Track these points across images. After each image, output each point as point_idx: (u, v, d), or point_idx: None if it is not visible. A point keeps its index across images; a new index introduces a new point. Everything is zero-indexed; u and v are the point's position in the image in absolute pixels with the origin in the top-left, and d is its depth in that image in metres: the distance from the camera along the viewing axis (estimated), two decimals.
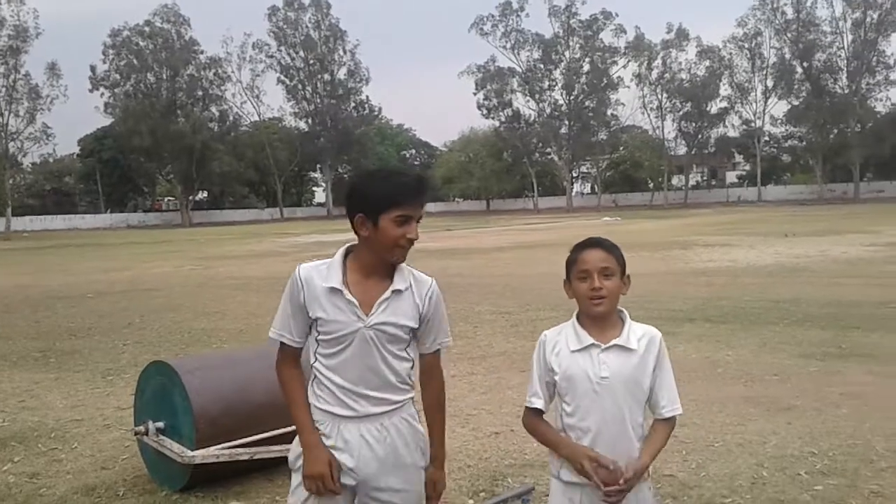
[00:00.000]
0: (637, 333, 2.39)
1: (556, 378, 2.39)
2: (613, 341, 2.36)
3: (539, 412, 2.46)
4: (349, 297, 2.35)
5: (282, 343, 2.48)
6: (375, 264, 2.40)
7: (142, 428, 4.43)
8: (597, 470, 2.29)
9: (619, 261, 2.40)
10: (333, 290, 2.36)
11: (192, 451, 4.13)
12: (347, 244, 2.47)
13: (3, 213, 65.82)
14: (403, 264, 2.45)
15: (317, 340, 2.42)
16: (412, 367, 2.49)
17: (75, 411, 6.37)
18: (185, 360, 5.57)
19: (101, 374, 7.81)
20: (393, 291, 2.39)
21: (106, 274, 20.68)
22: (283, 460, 4.37)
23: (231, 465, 4.32)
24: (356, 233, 2.39)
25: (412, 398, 2.51)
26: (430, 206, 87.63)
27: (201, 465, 4.17)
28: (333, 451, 2.39)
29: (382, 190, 2.33)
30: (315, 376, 2.45)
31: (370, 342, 2.36)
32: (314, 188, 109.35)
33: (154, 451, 4.43)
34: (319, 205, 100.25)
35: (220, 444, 4.21)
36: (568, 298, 2.48)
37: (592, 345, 2.36)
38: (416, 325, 2.44)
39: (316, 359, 2.43)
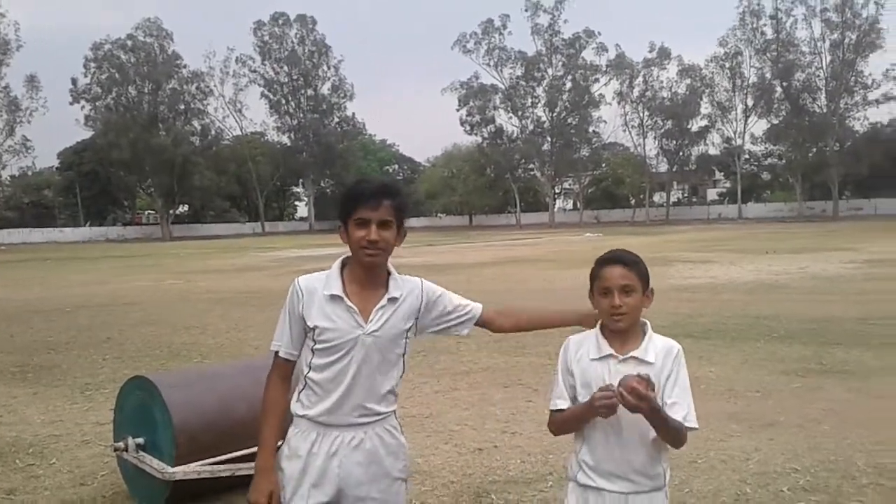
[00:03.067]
0: (657, 346, 2.42)
1: (575, 384, 2.44)
2: (631, 353, 2.39)
3: (562, 412, 2.48)
4: (349, 303, 2.40)
5: (276, 354, 2.50)
6: (367, 273, 2.45)
7: (121, 444, 4.37)
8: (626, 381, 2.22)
9: (640, 276, 2.43)
10: (334, 297, 2.41)
11: (173, 467, 4.08)
12: (343, 256, 2.53)
13: None
14: (395, 273, 2.51)
15: (312, 350, 2.43)
16: (401, 377, 2.53)
17: (53, 426, 6.28)
18: (166, 374, 5.51)
19: (80, 389, 7.71)
20: (389, 299, 2.45)
21: (85, 287, 20.48)
22: None
23: (212, 482, 4.27)
24: (344, 243, 2.48)
25: (395, 410, 2.54)
26: (413, 222, 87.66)
27: (181, 482, 4.12)
28: (314, 459, 2.40)
29: (346, 197, 2.46)
30: (306, 385, 2.46)
31: (369, 350, 2.41)
32: (296, 203, 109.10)
33: (133, 467, 4.37)
34: (301, 219, 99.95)
35: (200, 460, 4.16)
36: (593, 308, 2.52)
37: (610, 355, 2.40)
38: (410, 324, 2.49)
39: (309, 368, 2.44)
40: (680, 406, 2.36)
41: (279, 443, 2.50)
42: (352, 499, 2.43)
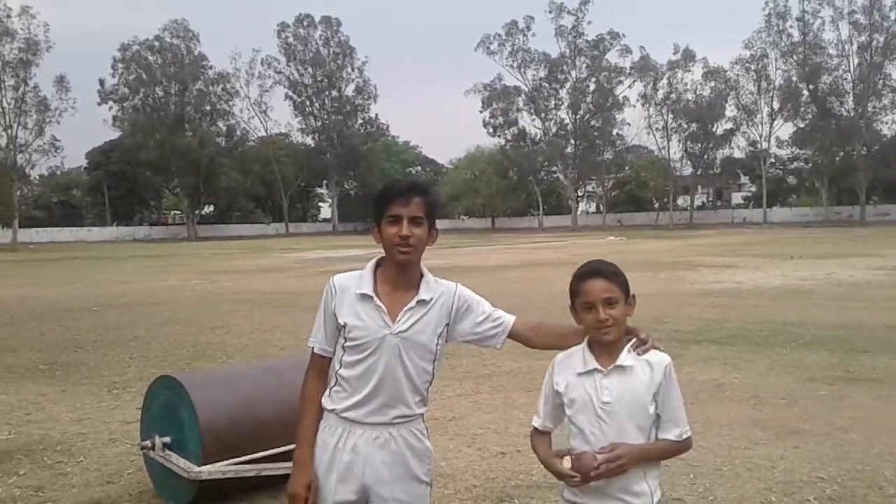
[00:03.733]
0: (634, 354, 2.38)
1: (563, 400, 2.42)
2: (613, 364, 2.36)
3: (540, 432, 2.51)
4: (378, 303, 2.44)
5: (312, 351, 2.56)
6: (399, 273, 2.49)
7: (148, 443, 4.43)
8: (570, 479, 2.31)
9: (622, 287, 2.40)
10: (364, 296, 2.45)
11: (199, 466, 4.12)
12: (377, 257, 2.56)
13: (10, 225, 66.04)
14: (429, 275, 2.55)
15: (343, 347, 2.47)
16: (430, 383, 2.54)
17: (81, 424, 6.36)
18: (193, 374, 5.57)
19: (107, 388, 7.80)
20: (418, 301, 2.47)
21: (112, 287, 20.72)
22: (288, 477, 4.37)
23: (237, 482, 4.31)
24: (378, 243, 2.50)
25: (423, 414, 2.55)
26: (436, 224, 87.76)
27: (207, 481, 4.16)
28: (340, 454, 2.44)
29: (378, 196, 2.50)
30: (336, 381, 2.50)
31: (395, 350, 2.43)
32: (320, 204, 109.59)
33: (160, 466, 4.42)
34: (325, 220, 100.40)
35: (226, 460, 4.20)
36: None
37: (595, 370, 2.37)
38: (441, 331, 2.51)
39: (340, 365, 2.48)
40: (672, 424, 2.36)
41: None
42: (377, 498, 2.45)
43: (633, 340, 2.39)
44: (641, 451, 2.31)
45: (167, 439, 4.37)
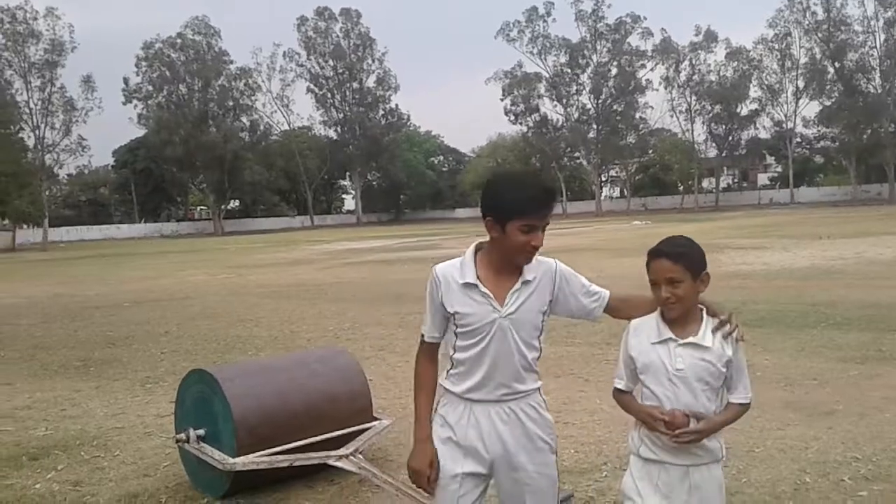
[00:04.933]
0: (710, 329, 2.53)
1: (637, 365, 2.58)
2: (690, 338, 2.51)
3: (623, 391, 2.66)
4: (484, 290, 2.51)
5: (422, 338, 2.66)
6: (504, 261, 2.55)
7: (182, 435, 4.48)
8: (659, 422, 2.47)
9: (688, 266, 2.51)
10: (468, 284, 2.52)
11: (233, 458, 4.18)
12: (477, 242, 2.63)
13: (40, 224, 66.91)
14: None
15: (455, 334, 2.56)
16: (538, 357, 2.64)
17: (116, 419, 6.46)
18: (225, 367, 5.63)
19: (140, 383, 7.91)
20: (523, 282, 2.54)
21: (142, 283, 20.96)
22: (322, 467, 4.43)
23: (271, 473, 4.36)
24: (488, 232, 2.54)
25: (539, 388, 2.65)
26: (459, 212, 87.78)
27: (242, 473, 4.22)
28: (461, 428, 2.55)
29: (511, 199, 2.47)
30: (453, 364, 2.60)
31: (506, 332, 2.51)
32: (343, 196, 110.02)
33: (195, 458, 4.48)
34: (349, 212, 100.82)
35: (260, 451, 4.25)
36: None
37: (670, 339, 2.52)
38: (547, 308, 2.60)
39: (455, 350, 2.58)
40: (740, 389, 2.56)
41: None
42: (506, 468, 2.56)
43: (717, 322, 2.52)
44: (722, 422, 2.53)
45: (201, 432, 4.43)
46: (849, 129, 71.16)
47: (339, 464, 4.29)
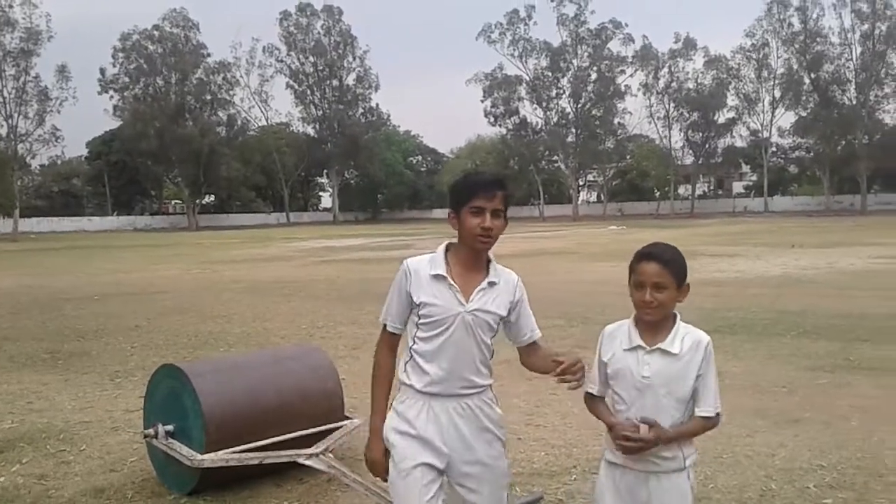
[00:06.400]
0: (682, 338, 2.55)
1: (609, 371, 2.62)
2: (658, 345, 2.54)
3: (594, 396, 2.70)
4: (452, 282, 2.62)
5: (384, 328, 2.74)
6: (471, 257, 2.67)
7: (151, 431, 4.44)
8: (620, 428, 2.52)
9: (674, 274, 2.54)
10: (438, 276, 2.63)
11: (202, 454, 4.14)
12: (447, 240, 2.72)
13: (10, 215, 66.04)
14: (495, 261, 2.72)
15: (417, 325, 2.66)
16: (492, 356, 2.73)
17: (84, 413, 6.39)
18: (196, 363, 5.59)
19: (110, 377, 7.83)
20: (489, 283, 2.66)
21: (113, 276, 20.74)
22: (292, 465, 4.40)
23: (240, 470, 4.33)
24: (452, 227, 2.67)
25: (491, 384, 2.74)
26: (437, 213, 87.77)
27: (210, 469, 4.18)
28: (420, 423, 2.61)
29: (462, 186, 2.66)
30: (412, 356, 2.68)
31: (468, 326, 2.62)
32: (320, 193, 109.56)
33: (163, 454, 4.44)
34: (326, 210, 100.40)
35: (229, 448, 4.22)
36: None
37: (639, 346, 2.56)
38: (506, 314, 2.70)
39: (414, 342, 2.67)
40: (707, 402, 2.54)
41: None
42: (459, 462, 2.63)
43: (562, 366, 2.52)
44: (676, 434, 2.52)
45: (170, 427, 4.40)
46: (823, 139, 72.07)
47: (308, 462, 4.27)
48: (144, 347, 9.47)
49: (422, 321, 2.63)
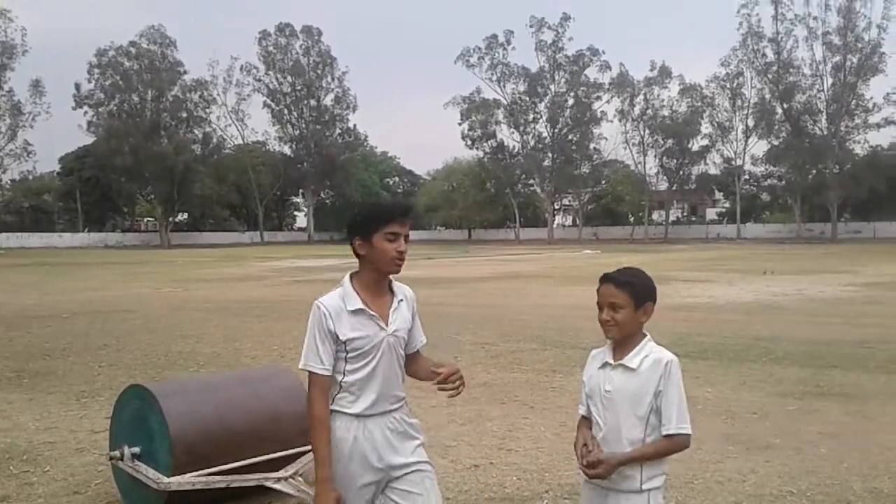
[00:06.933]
0: (646, 355, 2.62)
1: (586, 390, 2.76)
2: (620, 361, 2.64)
3: (586, 417, 2.78)
4: (371, 312, 2.73)
5: (311, 373, 2.73)
6: (377, 281, 2.79)
7: (117, 452, 4.36)
8: (583, 449, 2.65)
9: (631, 294, 2.63)
10: (357, 310, 2.72)
11: (168, 477, 4.07)
12: (350, 272, 2.82)
13: None
14: (394, 280, 2.87)
15: (345, 360, 2.73)
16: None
17: (48, 433, 6.26)
18: (164, 384, 5.50)
19: (76, 396, 7.69)
20: (399, 301, 2.83)
21: (82, 294, 20.45)
22: (260, 489, 4.34)
23: (207, 493, 4.25)
24: (357, 255, 2.77)
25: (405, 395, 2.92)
26: (413, 234, 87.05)
27: (177, 493, 4.10)
28: (359, 444, 2.71)
29: (374, 213, 2.79)
30: (341, 388, 2.74)
31: (391, 347, 2.77)
32: (296, 213, 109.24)
33: (129, 476, 4.36)
34: (300, 229, 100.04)
35: (197, 470, 4.14)
36: None
37: (608, 363, 2.68)
38: (409, 326, 2.87)
39: (344, 375, 2.74)
40: (668, 421, 2.57)
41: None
42: (395, 470, 2.75)
43: (440, 376, 2.78)
44: (626, 458, 2.57)
45: (136, 449, 4.31)
46: (795, 168, 73.15)
47: (277, 486, 4.22)
48: (112, 367, 9.32)
49: (350, 355, 2.71)
